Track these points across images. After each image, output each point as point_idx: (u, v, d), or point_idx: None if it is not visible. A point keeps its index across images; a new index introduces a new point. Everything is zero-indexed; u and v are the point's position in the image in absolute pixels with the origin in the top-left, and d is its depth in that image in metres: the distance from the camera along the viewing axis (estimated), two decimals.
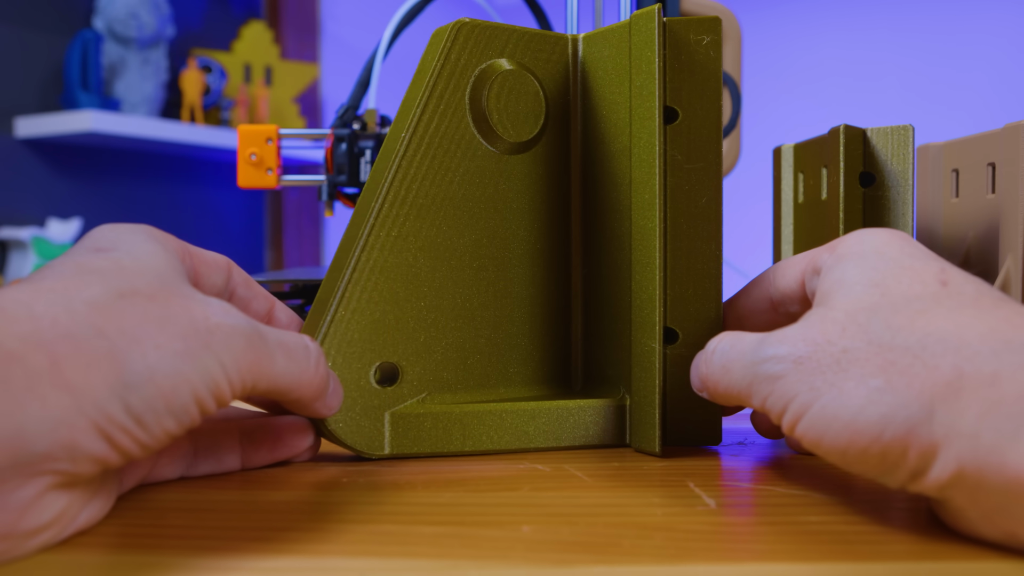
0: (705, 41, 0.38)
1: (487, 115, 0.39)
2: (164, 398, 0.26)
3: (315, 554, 0.25)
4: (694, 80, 0.38)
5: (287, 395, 0.31)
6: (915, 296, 0.28)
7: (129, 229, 0.31)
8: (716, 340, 0.33)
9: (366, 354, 0.37)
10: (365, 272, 0.37)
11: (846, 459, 0.27)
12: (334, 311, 0.36)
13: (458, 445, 0.38)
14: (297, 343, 0.31)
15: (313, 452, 0.37)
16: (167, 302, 0.27)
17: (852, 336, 0.28)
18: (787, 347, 0.29)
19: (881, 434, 0.26)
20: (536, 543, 0.26)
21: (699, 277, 0.38)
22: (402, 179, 0.38)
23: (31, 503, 0.24)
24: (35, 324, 0.25)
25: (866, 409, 0.26)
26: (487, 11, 0.61)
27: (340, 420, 0.36)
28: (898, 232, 0.32)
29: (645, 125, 0.38)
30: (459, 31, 0.38)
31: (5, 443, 0.23)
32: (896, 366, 0.26)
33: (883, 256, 0.31)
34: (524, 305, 0.41)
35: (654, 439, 0.37)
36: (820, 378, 0.28)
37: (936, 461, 0.25)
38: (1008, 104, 2.04)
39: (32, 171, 1.75)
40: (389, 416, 0.37)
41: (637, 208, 0.38)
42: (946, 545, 0.26)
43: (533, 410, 0.39)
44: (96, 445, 0.25)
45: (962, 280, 0.29)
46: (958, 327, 0.26)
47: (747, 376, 0.30)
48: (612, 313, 0.40)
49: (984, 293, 0.28)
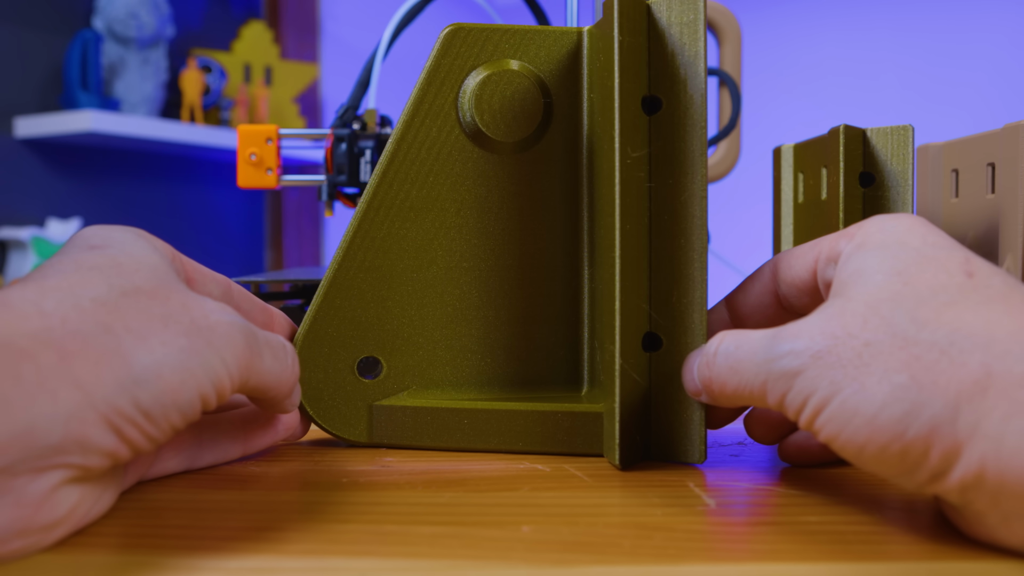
0: (687, 19, 0.36)
1: (475, 118, 0.39)
2: (172, 393, 0.27)
3: (315, 554, 0.25)
4: (676, 65, 0.36)
5: (268, 392, 0.32)
6: (940, 287, 0.27)
7: (118, 229, 0.32)
8: (716, 341, 0.31)
9: (348, 347, 0.39)
10: (349, 271, 0.39)
11: (863, 457, 0.26)
12: (317, 307, 0.39)
13: (433, 440, 0.39)
14: (278, 343, 0.33)
15: (305, 428, 0.40)
16: (167, 299, 0.28)
17: (875, 329, 0.27)
18: (804, 341, 0.28)
19: (904, 432, 0.25)
20: (536, 543, 0.26)
21: (681, 280, 0.36)
22: (390, 182, 0.39)
23: (46, 497, 0.25)
24: (45, 321, 0.26)
25: (889, 406, 0.25)
26: (487, 11, 0.61)
27: (322, 406, 0.39)
28: (920, 219, 0.31)
29: (606, 116, 0.35)
30: (452, 36, 0.39)
31: (18, 438, 0.24)
32: (921, 361, 0.25)
33: (905, 245, 0.29)
34: (519, 307, 0.40)
35: (613, 450, 0.35)
36: (840, 372, 0.26)
37: (959, 462, 0.24)
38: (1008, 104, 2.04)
39: (32, 171, 1.75)
40: (370, 407, 0.39)
41: (601, 207, 0.37)
42: (945, 545, 0.26)
43: (508, 411, 0.38)
44: (106, 439, 0.26)
45: (989, 272, 0.28)
46: (987, 323, 0.26)
47: (760, 374, 0.29)
48: (600, 316, 0.39)
49: (1013, 287, 0.27)
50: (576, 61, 0.40)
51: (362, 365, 0.39)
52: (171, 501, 0.31)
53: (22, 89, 1.72)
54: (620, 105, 0.34)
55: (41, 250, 1.65)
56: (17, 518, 0.24)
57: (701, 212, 0.35)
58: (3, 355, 0.24)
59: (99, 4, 1.78)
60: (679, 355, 0.35)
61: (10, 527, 0.24)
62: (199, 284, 0.34)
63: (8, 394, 0.24)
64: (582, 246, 0.41)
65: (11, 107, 1.71)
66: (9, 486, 0.24)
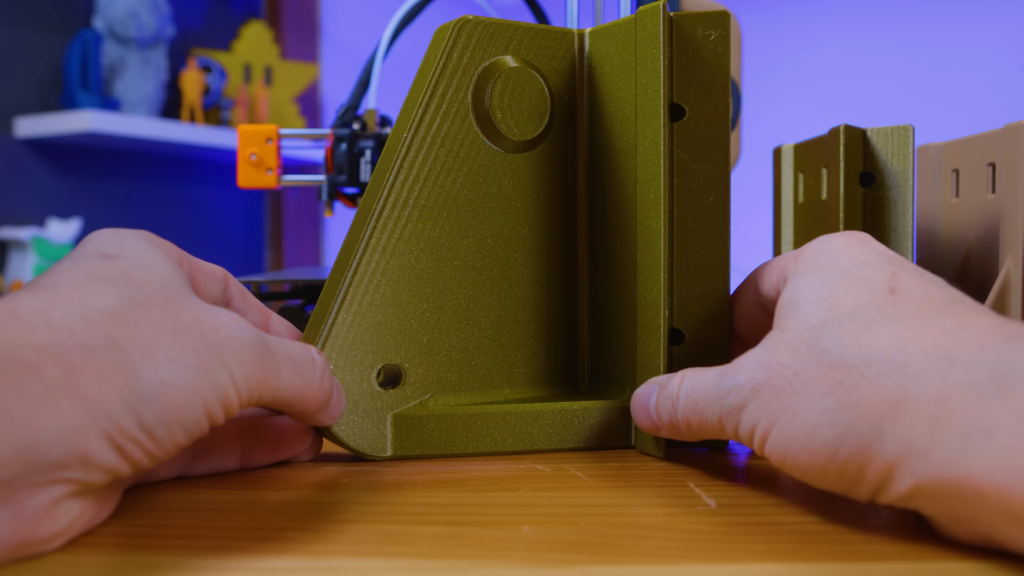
0: (713, 36, 0.37)
1: (490, 114, 0.38)
2: (176, 411, 0.26)
3: (315, 554, 0.25)
4: (701, 76, 0.37)
5: (291, 407, 0.31)
6: (862, 308, 0.29)
7: (131, 235, 0.31)
8: (676, 381, 0.33)
9: (368, 357, 0.37)
10: (367, 275, 0.37)
11: (808, 477, 0.28)
12: (335, 314, 0.36)
13: (461, 447, 0.38)
14: (304, 356, 0.31)
15: (314, 452, 0.37)
16: (178, 312, 0.28)
17: (802, 357, 0.28)
18: (745, 375, 0.30)
19: (836, 454, 0.26)
20: (536, 543, 0.26)
21: (706, 278, 0.38)
22: (403, 181, 0.37)
23: (46, 511, 0.25)
24: (52, 334, 0.25)
25: (820, 430, 0.27)
26: (487, 11, 0.61)
27: (342, 422, 0.36)
28: (857, 235, 0.32)
29: (650, 124, 0.37)
30: (461, 28, 0.38)
31: (20, 452, 0.24)
32: (844, 385, 0.27)
33: (834, 268, 0.31)
34: (530, 306, 0.40)
35: (658, 441, 0.37)
36: (776, 402, 0.28)
37: (895, 477, 0.25)
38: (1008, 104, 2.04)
39: (32, 171, 1.75)
40: (391, 418, 0.37)
41: (643, 208, 0.38)
42: (945, 545, 0.26)
43: (537, 411, 0.38)
44: (108, 456, 0.25)
45: (911, 284, 0.29)
46: (901, 343, 0.27)
47: (716, 411, 0.31)
48: (618, 314, 0.40)
49: (932, 297, 0.28)
50: (575, 62, 0.40)
51: (382, 374, 0.37)
52: (171, 501, 0.31)
53: (22, 89, 1.72)
54: (664, 112, 0.37)
55: (41, 250, 1.65)
56: (16, 531, 0.24)
57: (725, 215, 0.38)
58: (10, 367, 0.24)
59: (99, 4, 1.79)
60: (699, 349, 0.38)
61: (8, 540, 0.24)
62: (201, 285, 0.34)
63: (13, 408, 0.24)
64: (580, 244, 0.41)
65: (11, 107, 1.71)
66: (9, 500, 0.24)
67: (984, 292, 0.43)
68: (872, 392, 0.26)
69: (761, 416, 0.29)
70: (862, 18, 2.25)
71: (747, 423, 0.29)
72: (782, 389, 0.28)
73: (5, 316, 0.25)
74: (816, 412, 0.27)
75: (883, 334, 0.27)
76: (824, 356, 0.28)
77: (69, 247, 1.68)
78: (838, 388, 0.27)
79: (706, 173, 0.38)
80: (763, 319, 0.36)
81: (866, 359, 0.27)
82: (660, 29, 0.36)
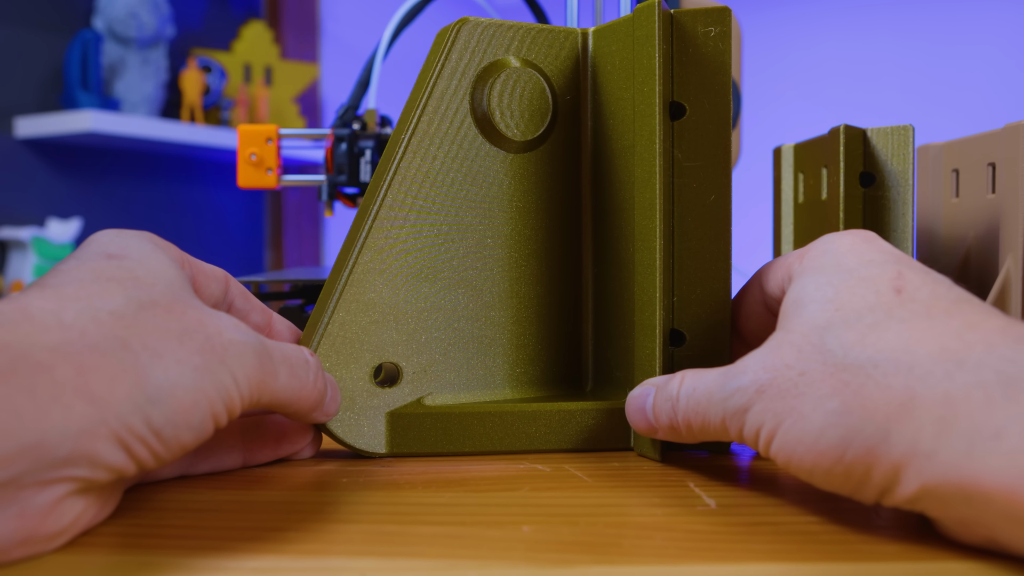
0: (713, 33, 0.37)
1: (490, 115, 0.38)
2: (183, 413, 0.27)
3: (315, 554, 0.25)
4: (702, 74, 0.37)
5: (287, 407, 0.32)
6: (868, 309, 0.28)
7: (134, 236, 0.31)
8: (675, 383, 0.33)
9: (365, 354, 0.37)
10: (364, 273, 0.37)
11: (814, 478, 0.28)
12: (331, 312, 0.37)
13: (457, 445, 0.38)
14: (299, 358, 0.32)
15: (315, 448, 0.37)
16: (183, 315, 0.28)
17: (808, 358, 0.28)
18: (749, 376, 0.29)
19: (843, 456, 0.26)
20: (536, 543, 0.26)
21: (707, 278, 0.37)
22: (400, 182, 0.38)
23: (51, 509, 0.25)
24: (64, 334, 0.25)
25: (826, 432, 0.27)
26: (487, 11, 0.61)
27: (339, 418, 0.37)
28: (863, 233, 0.32)
29: (646, 122, 0.37)
30: (460, 29, 0.38)
31: (27, 450, 0.24)
32: (850, 387, 0.27)
33: (840, 268, 0.31)
34: (531, 306, 0.40)
35: (654, 444, 0.37)
36: (781, 403, 0.28)
37: (902, 479, 0.25)
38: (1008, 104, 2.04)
39: (32, 171, 1.75)
40: (387, 416, 0.37)
41: (639, 207, 0.37)
42: (946, 546, 0.26)
43: (534, 412, 0.38)
44: (115, 455, 0.25)
45: (918, 284, 0.29)
46: (908, 343, 0.27)
47: (719, 412, 0.30)
48: (619, 314, 0.40)
49: (939, 297, 0.28)
50: (579, 61, 0.40)
51: (378, 372, 0.38)
52: (171, 501, 0.31)
53: (22, 89, 1.72)
54: (660, 111, 0.36)
55: (41, 250, 1.65)
56: (21, 528, 0.24)
57: (726, 215, 0.37)
58: (20, 367, 0.24)
59: (99, 4, 1.78)
60: (700, 350, 0.37)
61: (13, 536, 0.24)
62: (203, 287, 0.34)
63: (21, 407, 0.24)
64: (584, 244, 0.41)
65: (11, 107, 1.71)
66: (15, 497, 0.24)
67: (984, 292, 0.43)
68: (878, 393, 0.26)
69: (766, 418, 0.28)
70: (862, 18, 2.25)
71: (752, 425, 0.29)
72: (787, 390, 0.28)
73: (17, 316, 0.26)
74: (822, 413, 0.27)
75: (889, 335, 0.27)
76: (830, 357, 0.28)
77: (69, 247, 1.69)
78: (844, 389, 0.27)
79: (707, 172, 0.37)
80: (768, 319, 0.36)
81: (872, 360, 0.27)
82: (656, 26, 0.36)
